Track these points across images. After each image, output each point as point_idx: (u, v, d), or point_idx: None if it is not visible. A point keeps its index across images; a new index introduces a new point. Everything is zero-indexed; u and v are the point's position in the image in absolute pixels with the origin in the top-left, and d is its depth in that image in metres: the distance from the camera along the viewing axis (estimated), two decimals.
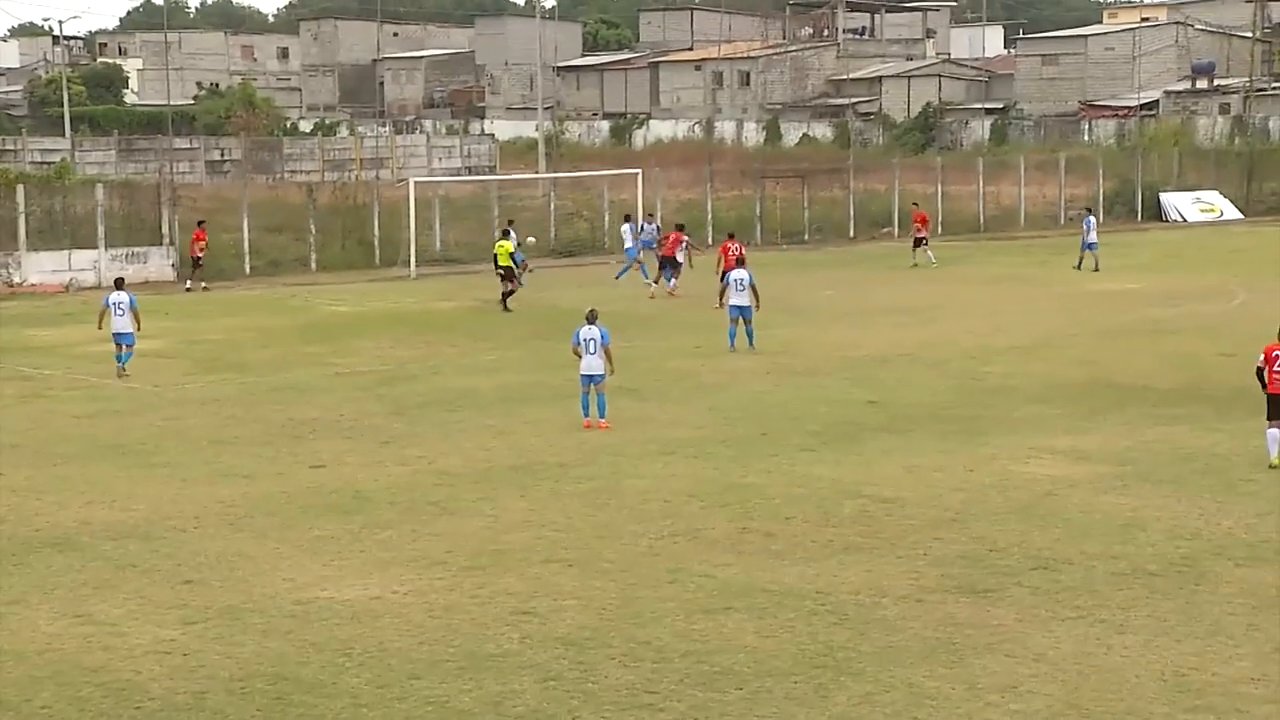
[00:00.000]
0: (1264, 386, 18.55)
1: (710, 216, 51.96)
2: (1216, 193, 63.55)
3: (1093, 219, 45.25)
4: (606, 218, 50.69)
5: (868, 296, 36.37)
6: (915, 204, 49.26)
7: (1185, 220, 61.05)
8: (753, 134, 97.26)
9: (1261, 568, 14.34)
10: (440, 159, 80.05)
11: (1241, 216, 62.13)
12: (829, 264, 45.81)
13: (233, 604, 13.64)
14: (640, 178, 47.79)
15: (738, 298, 28.88)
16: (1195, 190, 63.40)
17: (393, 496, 17.64)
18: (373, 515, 16.79)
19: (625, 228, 42.14)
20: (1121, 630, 12.71)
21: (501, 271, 35.96)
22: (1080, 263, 43.37)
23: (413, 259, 43.81)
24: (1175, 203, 62.05)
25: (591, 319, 21.60)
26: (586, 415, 21.45)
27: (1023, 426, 21.37)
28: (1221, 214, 62.14)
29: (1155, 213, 61.84)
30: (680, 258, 38.07)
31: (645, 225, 42.12)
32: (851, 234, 54.49)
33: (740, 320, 28.86)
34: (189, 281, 40.70)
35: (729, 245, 34.92)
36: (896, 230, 54.05)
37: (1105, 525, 15.93)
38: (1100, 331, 30.82)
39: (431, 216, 47.38)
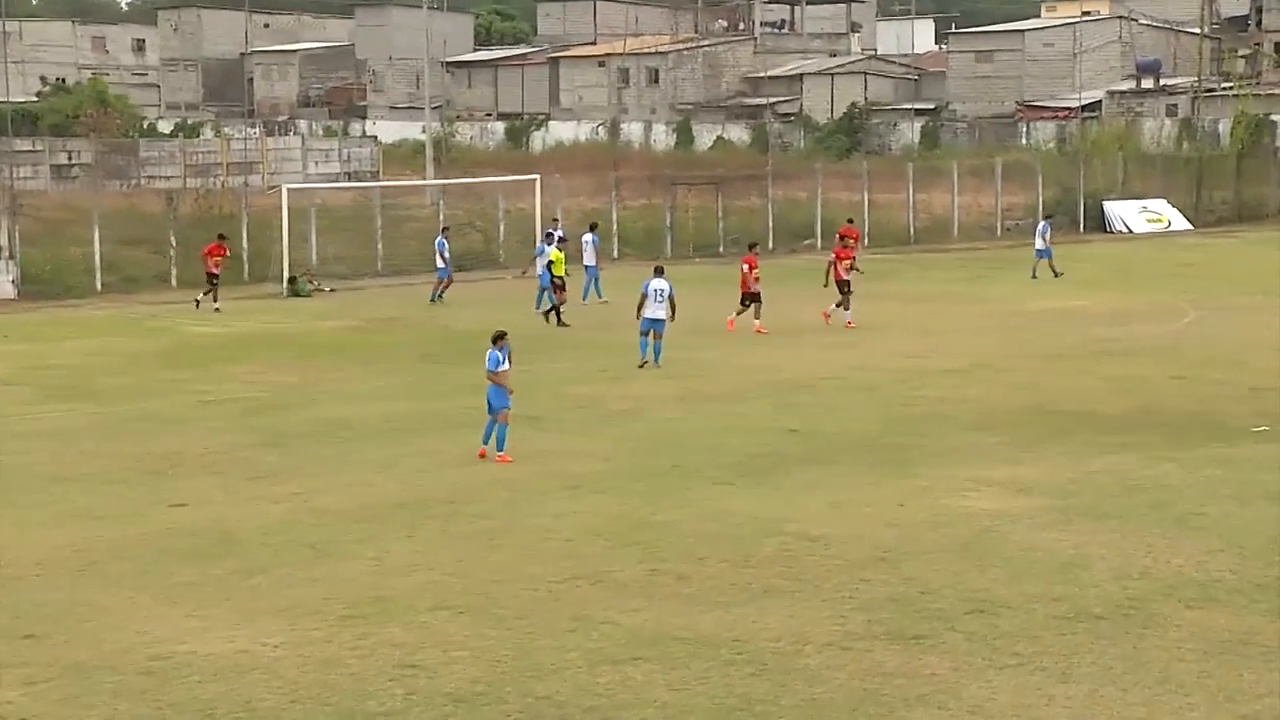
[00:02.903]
0: None
1: (615, 227, 52.10)
2: (1164, 202, 64.69)
3: (1046, 225, 46.38)
4: (501, 228, 50.65)
5: (789, 315, 36.59)
6: (850, 220, 48.72)
7: (1131, 231, 62.09)
8: (662, 137, 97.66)
9: (1214, 610, 14.58)
10: (317, 164, 79.55)
11: (1190, 227, 63.29)
12: None
13: (81, 661, 13.42)
14: (539, 185, 47.82)
15: (653, 309, 29.38)
16: (1141, 199, 64.50)
17: (264, 538, 17.48)
18: (241, 559, 16.62)
19: (587, 239, 41.56)
20: (1064, 679, 12.86)
21: (558, 282, 36.23)
22: (1036, 271, 44.60)
23: (285, 274, 43.50)
24: (1120, 212, 63.09)
25: (498, 338, 21.57)
26: (485, 444, 21.43)
27: (958, 457, 21.58)
28: (1169, 225, 63.25)
29: (1099, 223, 62.84)
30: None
31: (586, 237, 41.82)
32: (771, 246, 54.82)
33: (652, 334, 29.34)
34: (202, 296, 39.52)
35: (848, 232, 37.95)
36: (820, 242, 54.46)
37: (1046, 564, 16.12)
38: (1041, 353, 31.23)
39: (307, 228, 47.08)
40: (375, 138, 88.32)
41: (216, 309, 38.84)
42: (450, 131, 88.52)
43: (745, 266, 34.10)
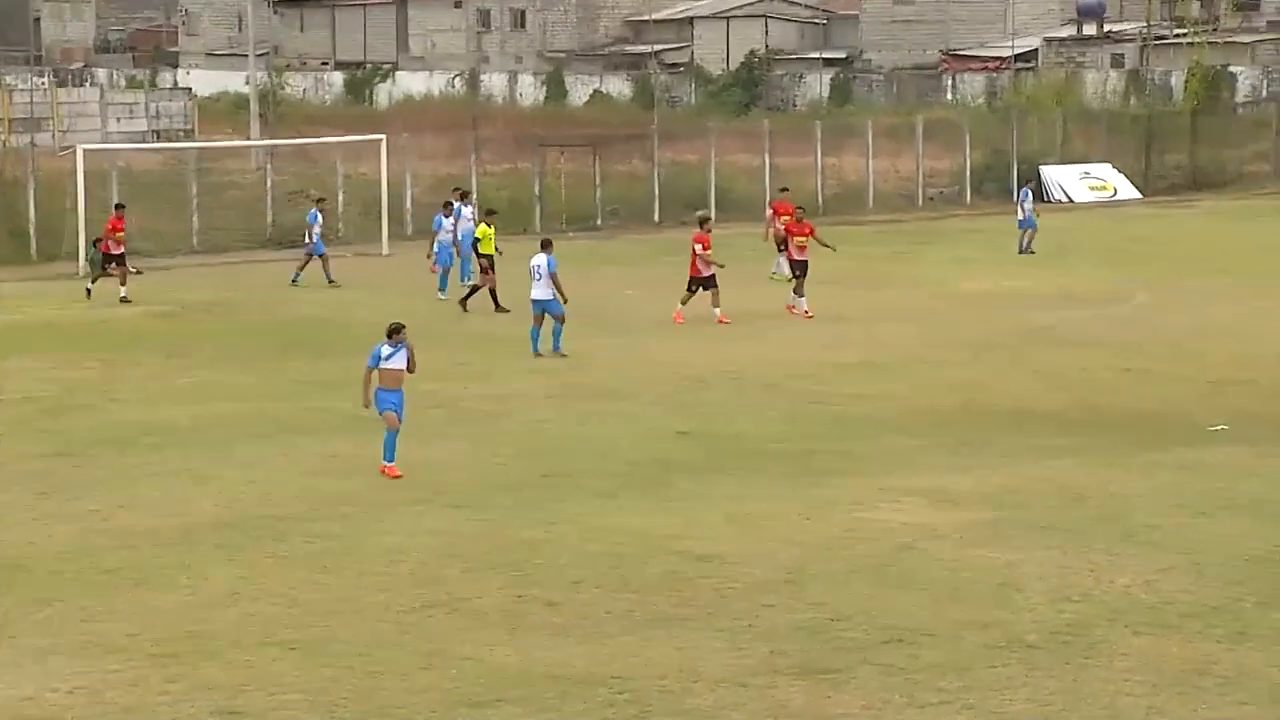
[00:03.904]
0: None
1: (475, 196, 51.89)
2: (1109, 166, 65.54)
3: (1028, 191, 47.07)
4: (340, 197, 50.31)
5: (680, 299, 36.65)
6: (784, 189, 48.00)
7: (1072, 200, 62.87)
8: (530, 90, 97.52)
9: (1164, 636, 14.82)
10: (119, 120, 78.47)
11: (1139, 196, 64.21)
12: (629, 257, 46.11)
13: None
14: (384, 146, 47.55)
15: (536, 289, 29.66)
16: (1083, 163, 65.34)
17: (56, 564, 17.25)
18: (27, 589, 16.39)
19: (465, 212, 40.77)
20: (996, 717, 13.01)
21: (483, 262, 35.67)
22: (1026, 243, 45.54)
23: (81, 250, 42.89)
24: (1059, 179, 63.85)
25: (394, 332, 21.23)
26: (389, 460, 21.10)
27: (874, 463, 21.76)
28: (1115, 193, 64.11)
29: (1035, 191, 63.55)
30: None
31: (461, 209, 41.46)
32: (657, 219, 54.91)
33: (545, 316, 29.65)
34: (91, 283, 37.88)
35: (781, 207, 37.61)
36: (714, 213, 54.68)
37: (976, 586, 16.30)
38: (970, 343, 31.55)
39: (108, 196, 46.44)
40: (189, 90, 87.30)
41: (124, 298, 36.95)
42: (279, 83, 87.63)
43: (697, 246, 33.77)
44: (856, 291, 38.14)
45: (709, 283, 33.62)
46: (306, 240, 40.84)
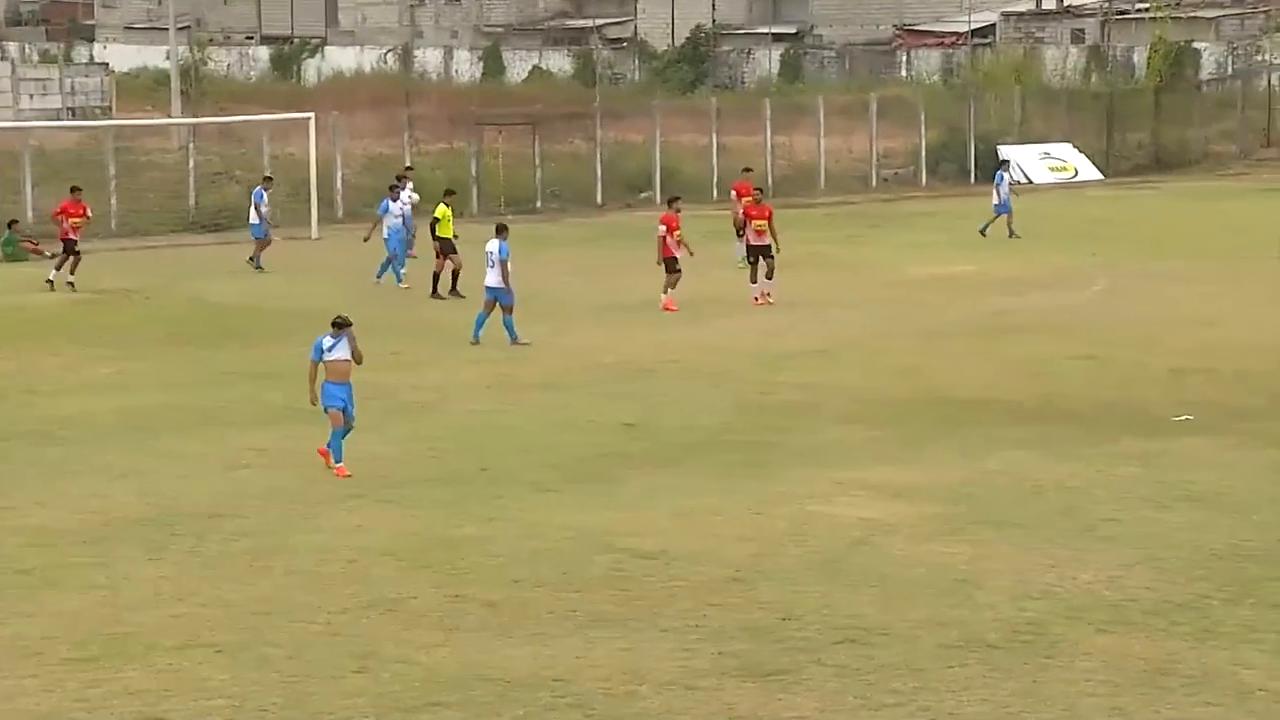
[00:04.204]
0: None
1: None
2: (1069, 146, 65.88)
3: (1003, 174, 47.08)
4: None
5: (623, 285, 36.72)
6: (747, 169, 47.86)
7: (1030, 182, 63.09)
8: (466, 66, 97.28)
9: (1127, 634, 14.92)
10: (31, 97, 77.92)
11: (1100, 177, 64.56)
12: (570, 241, 46.12)
13: None
14: (313, 125, 47.40)
15: (489, 275, 29.96)
16: (1043, 143, 65.64)
17: None
18: None
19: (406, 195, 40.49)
20: (953, 719, 13.09)
21: (438, 245, 35.43)
22: (988, 226, 45.58)
23: None
24: (1018, 159, 64.09)
25: (339, 325, 20.96)
26: (339, 460, 20.91)
27: (826, 455, 21.83)
28: (1076, 173, 64.46)
29: (993, 172, 63.75)
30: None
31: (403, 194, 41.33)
32: (600, 201, 54.93)
33: (496, 305, 29.78)
34: (54, 273, 37.14)
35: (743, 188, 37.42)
36: (658, 195, 54.70)
37: (932, 583, 16.38)
38: (925, 330, 31.67)
39: (20, 176, 46.17)
40: (106, 65, 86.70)
41: (70, 283, 36.62)
42: (202, 58, 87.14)
43: (662, 228, 33.75)
44: (807, 276, 38.19)
45: (671, 265, 33.59)
46: (253, 220, 40.66)
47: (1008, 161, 53.43)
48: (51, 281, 36.88)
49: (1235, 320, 32.05)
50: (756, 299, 34.39)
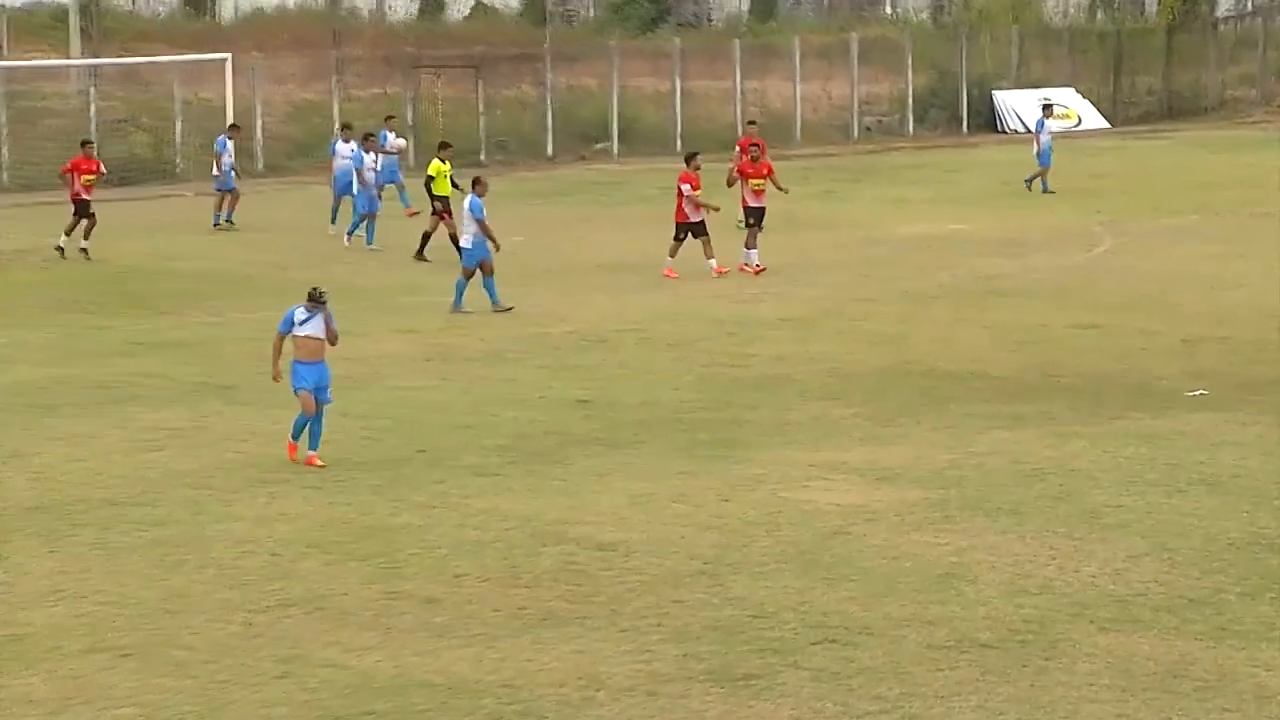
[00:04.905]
0: None
1: (338, 127, 51.62)
2: (1072, 91, 66.09)
3: (1044, 119, 47.11)
4: (179, 127, 49.98)
5: (577, 246, 36.71)
6: (752, 122, 47.95)
7: (1029, 131, 63.32)
8: (401, 2, 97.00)
9: (1135, 633, 14.95)
10: None
11: (1107, 125, 64.82)
12: (518, 196, 46.03)
13: None
14: (230, 68, 47.24)
15: (463, 237, 30.49)
16: (1043, 88, 65.76)
17: None
18: None
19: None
20: None
21: (438, 204, 35.27)
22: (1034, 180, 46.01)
23: None
24: (1015, 106, 64.35)
25: (314, 299, 20.60)
26: (295, 439, 20.69)
27: (801, 434, 21.85)
28: (1079, 122, 64.70)
29: (987, 119, 64.03)
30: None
31: (387, 138, 41.37)
32: (550, 152, 54.91)
33: (478, 269, 30.01)
34: (64, 239, 36.52)
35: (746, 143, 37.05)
36: (616, 146, 54.69)
37: (918, 576, 16.40)
38: (910, 294, 31.73)
39: None
40: None
41: (84, 249, 36.20)
42: None
43: (685, 187, 33.49)
44: (781, 236, 38.21)
45: (699, 229, 33.41)
46: (215, 172, 40.64)
47: (1051, 105, 53.16)
48: (61, 248, 36.26)
49: (1253, 283, 32.19)
50: (758, 266, 33.95)
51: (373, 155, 38.12)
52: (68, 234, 36.37)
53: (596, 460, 20.64)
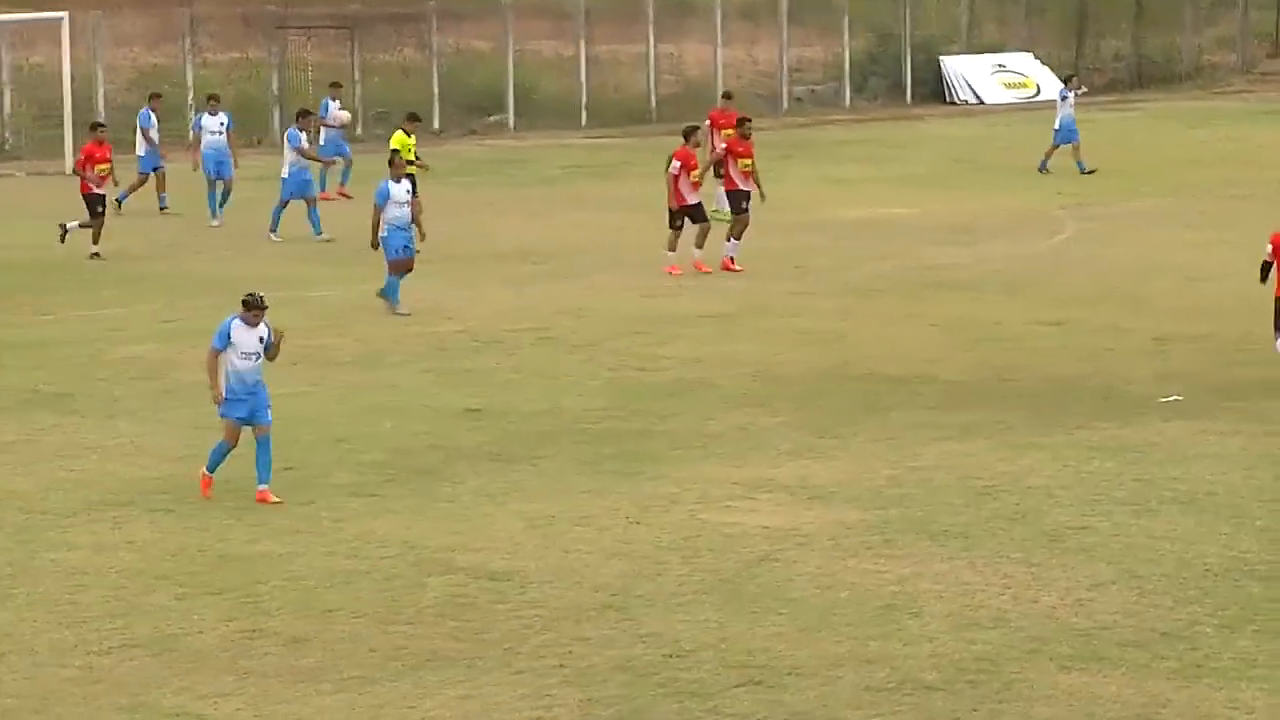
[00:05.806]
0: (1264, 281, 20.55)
1: (192, 96, 51.37)
2: (1029, 56, 66.29)
3: (1067, 90, 47.11)
4: (7, 96, 49.64)
5: (468, 232, 36.62)
6: (727, 94, 47.71)
7: (981, 101, 63.55)
8: None
9: (1100, 671, 14.99)
10: None
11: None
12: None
13: None
14: (67, 28, 46.93)
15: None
16: (996, 53, 65.99)
17: None
18: None
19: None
20: None
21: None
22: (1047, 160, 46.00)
23: None
24: (965, 73, 64.51)
25: (253, 306, 19.96)
26: (212, 471, 20.20)
27: (722, 448, 21.85)
28: (1038, 91, 64.86)
29: (934, 89, 64.13)
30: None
31: (330, 107, 41.25)
32: (437, 125, 54.78)
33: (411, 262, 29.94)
34: (95, 247, 35.52)
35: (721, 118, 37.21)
36: (513, 119, 54.62)
37: (855, 609, 16.42)
38: (849, 288, 31.78)
39: None
40: None
41: (95, 254, 35.41)
42: None
43: (675, 164, 32.89)
44: None
45: (697, 214, 32.98)
46: (140, 152, 40.35)
47: (1073, 76, 53.22)
48: (98, 254, 35.49)
49: (1235, 273, 32.27)
50: (728, 264, 33.33)
51: (306, 134, 37.49)
52: (95, 241, 35.56)
53: (488, 478, 20.59)
